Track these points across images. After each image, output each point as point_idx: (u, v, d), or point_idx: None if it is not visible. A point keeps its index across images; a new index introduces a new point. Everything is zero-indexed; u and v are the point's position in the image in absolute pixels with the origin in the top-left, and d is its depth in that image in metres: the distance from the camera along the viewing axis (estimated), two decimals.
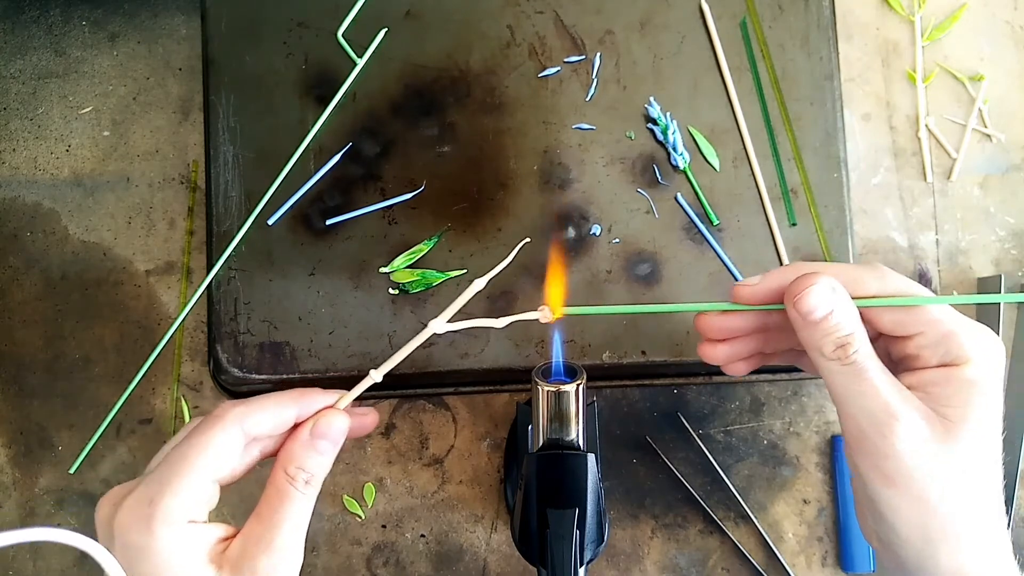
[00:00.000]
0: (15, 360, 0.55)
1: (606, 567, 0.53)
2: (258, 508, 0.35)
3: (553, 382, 0.41)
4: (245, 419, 0.35)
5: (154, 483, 0.33)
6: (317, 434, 0.37)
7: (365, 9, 0.52)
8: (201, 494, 0.34)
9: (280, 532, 0.35)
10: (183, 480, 0.33)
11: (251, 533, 0.34)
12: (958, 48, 0.57)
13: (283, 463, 0.36)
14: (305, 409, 0.37)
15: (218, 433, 0.34)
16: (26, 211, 0.56)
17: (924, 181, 0.56)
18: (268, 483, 0.36)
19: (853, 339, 0.34)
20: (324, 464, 0.37)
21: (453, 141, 0.52)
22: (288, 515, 0.35)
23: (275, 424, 0.36)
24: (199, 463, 0.34)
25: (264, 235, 0.51)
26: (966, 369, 0.34)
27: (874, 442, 0.34)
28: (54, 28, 0.58)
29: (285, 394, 0.37)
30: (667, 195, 0.51)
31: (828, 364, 0.35)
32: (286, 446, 0.37)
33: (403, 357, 0.38)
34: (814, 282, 0.35)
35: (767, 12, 0.52)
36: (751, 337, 0.40)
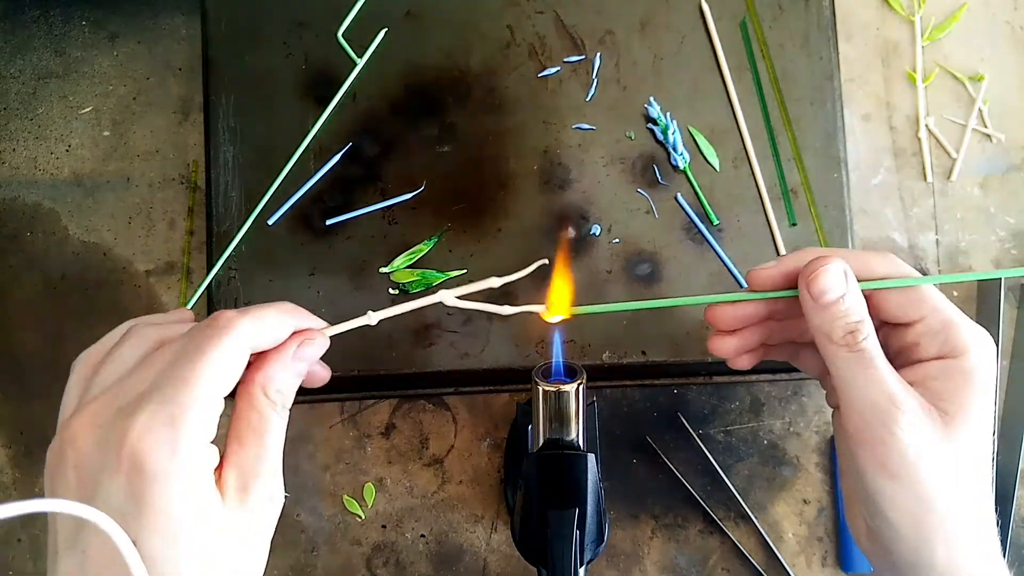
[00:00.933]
0: (15, 360, 0.55)
1: (606, 567, 0.53)
2: (238, 432, 0.32)
3: (553, 382, 0.41)
4: (252, 335, 0.32)
5: (170, 401, 0.29)
6: (301, 356, 0.35)
7: (365, 9, 0.52)
8: (216, 412, 0.31)
9: (269, 457, 0.32)
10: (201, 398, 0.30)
11: (243, 461, 0.32)
12: (958, 48, 0.57)
13: (262, 383, 0.33)
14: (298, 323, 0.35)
15: (229, 344, 0.31)
16: (26, 211, 0.56)
17: (924, 181, 0.56)
18: (245, 405, 0.33)
19: (863, 326, 0.35)
20: (296, 386, 0.35)
21: (453, 141, 0.52)
22: (273, 440, 0.33)
23: (274, 339, 0.34)
24: (213, 378, 0.30)
25: (264, 235, 0.51)
26: (963, 361, 0.34)
27: (877, 433, 0.34)
28: (54, 28, 0.58)
29: (283, 307, 0.35)
30: (667, 195, 0.51)
31: (836, 350, 0.35)
32: (267, 366, 0.34)
33: (406, 310, 0.38)
34: (828, 263, 0.35)
35: (767, 12, 0.52)
36: (758, 327, 0.40)
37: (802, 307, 0.36)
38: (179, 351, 0.31)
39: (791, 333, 0.41)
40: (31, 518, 0.54)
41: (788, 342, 0.42)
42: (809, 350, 0.42)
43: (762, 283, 0.38)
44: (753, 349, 0.41)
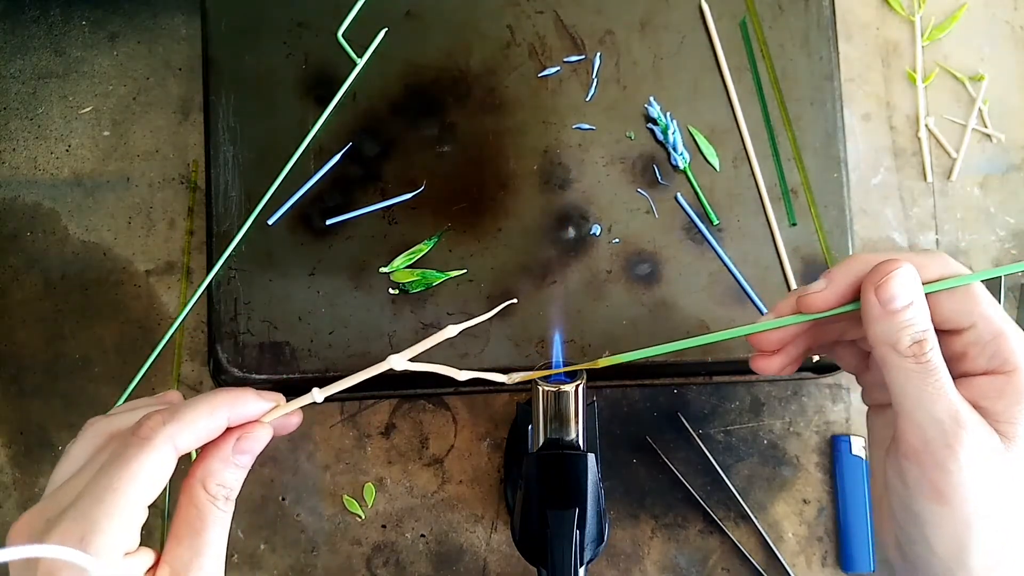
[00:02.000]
0: (15, 360, 0.55)
1: (606, 567, 0.53)
2: (177, 529, 0.33)
3: (553, 382, 0.41)
4: (176, 439, 0.32)
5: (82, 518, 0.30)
6: (240, 450, 0.34)
7: (365, 9, 0.52)
8: (135, 522, 0.31)
9: (206, 556, 0.32)
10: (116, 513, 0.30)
11: (176, 560, 0.32)
12: (958, 48, 0.57)
13: (201, 479, 0.33)
14: (236, 415, 0.34)
15: (148, 458, 0.31)
16: (26, 211, 0.56)
17: (924, 181, 0.56)
18: (185, 501, 0.33)
19: (929, 335, 0.33)
20: (242, 478, 0.35)
21: (453, 141, 0.52)
22: (212, 536, 0.33)
23: (206, 435, 0.34)
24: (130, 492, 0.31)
25: (264, 235, 0.51)
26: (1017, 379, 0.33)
27: (938, 453, 0.32)
28: (54, 28, 0.58)
29: (216, 400, 0.34)
30: (667, 195, 0.51)
31: (901, 362, 0.33)
32: (206, 461, 0.34)
33: (351, 384, 0.36)
34: (898, 267, 0.33)
35: (767, 12, 0.52)
36: (802, 338, 0.39)
37: (864, 313, 0.34)
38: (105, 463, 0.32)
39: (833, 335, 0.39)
40: None
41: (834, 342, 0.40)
42: (848, 347, 0.40)
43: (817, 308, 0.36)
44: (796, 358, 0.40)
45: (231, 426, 0.35)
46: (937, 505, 0.32)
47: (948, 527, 0.32)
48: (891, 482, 0.35)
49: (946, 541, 0.33)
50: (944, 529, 0.32)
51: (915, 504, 0.33)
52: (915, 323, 0.33)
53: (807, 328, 0.38)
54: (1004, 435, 0.32)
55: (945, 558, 0.33)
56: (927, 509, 0.33)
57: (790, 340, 0.38)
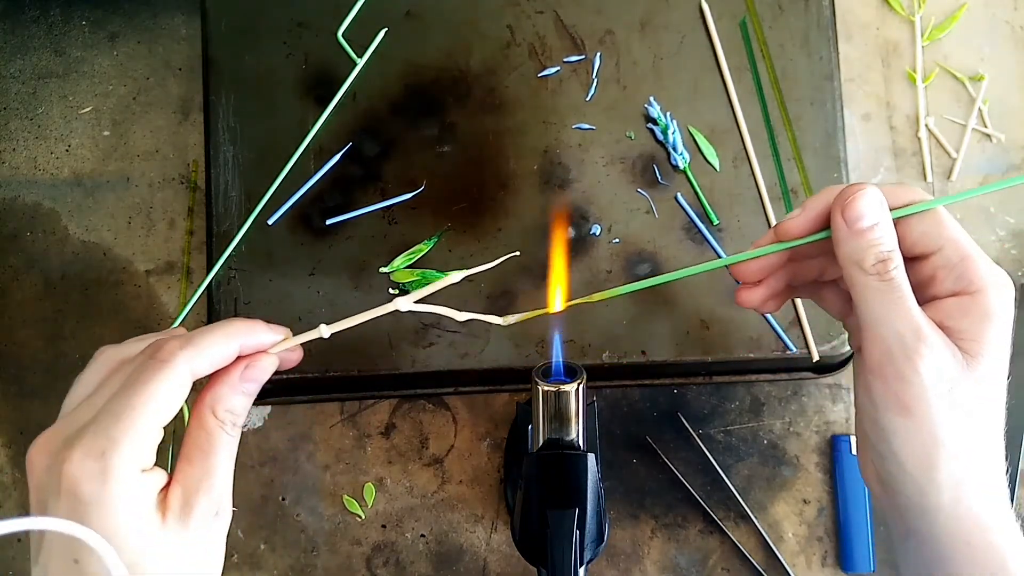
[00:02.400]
0: (15, 360, 0.55)
1: (606, 567, 0.53)
2: (187, 451, 0.34)
3: (553, 382, 0.41)
4: (192, 363, 0.33)
5: (102, 434, 0.31)
6: (247, 377, 0.35)
7: (365, 9, 0.52)
8: (151, 441, 0.32)
9: (216, 476, 0.34)
10: (134, 430, 0.31)
11: (188, 479, 0.33)
12: (958, 48, 0.57)
13: (211, 404, 0.34)
14: (248, 344, 0.36)
15: (167, 379, 0.32)
16: (26, 211, 0.56)
17: (924, 181, 0.56)
18: (194, 425, 0.34)
19: (894, 255, 0.34)
20: (248, 404, 0.36)
21: (453, 141, 0.52)
22: (221, 458, 0.34)
23: (220, 362, 0.35)
24: (148, 411, 0.32)
25: (264, 235, 0.51)
26: (981, 298, 0.34)
27: (899, 365, 0.33)
28: (54, 28, 0.58)
29: (231, 329, 0.35)
30: (667, 195, 0.51)
31: (866, 279, 0.34)
32: (216, 387, 0.35)
33: (360, 322, 0.37)
34: (864, 189, 0.35)
35: (767, 12, 0.52)
36: (782, 271, 0.40)
37: (834, 236, 0.35)
38: (122, 383, 0.33)
39: (813, 272, 0.41)
40: None
41: (811, 282, 0.41)
42: (831, 289, 0.41)
43: (791, 234, 0.38)
44: (778, 293, 0.41)
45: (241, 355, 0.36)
46: (902, 418, 0.33)
47: (915, 440, 0.33)
48: (860, 401, 0.36)
49: (914, 455, 0.34)
50: (911, 442, 0.33)
51: (882, 418, 0.34)
52: (881, 242, 0.34)
53: (786, 261, 0.39)
54: (967, 352, 0.33)
55: (914, 473, 0.34)
56: (893, 422, 0.34)
57: (770, 272, 0.40)
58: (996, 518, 0.34)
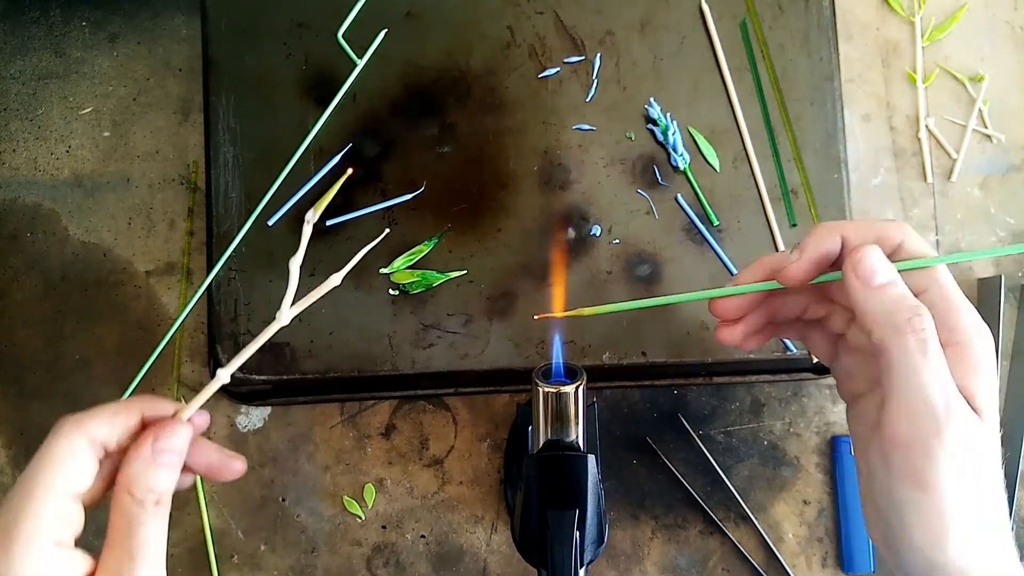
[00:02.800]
0: (15, 361, 0.55)
1: (606, 568, 0.53)
2: (109, 537, 0.32)
3: (553, 383, 0.41)
4: (84, 426, 0.33)
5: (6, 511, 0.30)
6: (159, 448, 0.33)
7: (365, 10, 0.52)
8: (60, 513, 0.31)
9: (139, 558, 0.32)
10: (36, 502, 0.30)
11: (108, 566, 0.32)
12: (958, 48, 0.57)
13: (126, 485, 0.33)
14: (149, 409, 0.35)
15: (61, 445, 0.32)
16: (26, 212, 0.56)
17: (924, 182, 0.56)
18: (113, 508, 0.33)
19: (923, 310, 0.32)
20: (171, 478, 0.34)
21: (453, 142, 0.52)
22: (142, 542, 0.32)
23: (121, 430, 0.34)
24: (49, 480, 0.31)
25: (264, 236, 0.51)
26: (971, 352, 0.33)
27: (926, 441, 0.31)
28: (54, 29, 0.58)
29: (127, 400, 0.35)
30: (667, 196, 0.51)
31: (901, 338, 0.32)
32: (126, 465, 0.33)
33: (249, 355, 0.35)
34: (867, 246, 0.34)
35: (767, 12, 0.52)
36: (762, 309, 0.40)
37: (851, 296, 0.34)
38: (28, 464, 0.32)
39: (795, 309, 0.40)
40: None
41: (795, 319, 0.40)
42: (817, 330, 0.40)
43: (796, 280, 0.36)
44: (760, 330, 0.40)
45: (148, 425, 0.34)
46: (919, 493, 0.32)
47: (927, 515, 0.32)
48: (874, 469, 0.34)
49: (925, 529, 0.32)
50: (923, 517, 0.32)
51: (896, 491, 0.33)
52: (906, 296, 0.33)
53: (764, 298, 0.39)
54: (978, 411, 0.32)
55: (924, 547, 0.33)
56: (908, 496, 0.32)
57: (748, 309, 0.39)
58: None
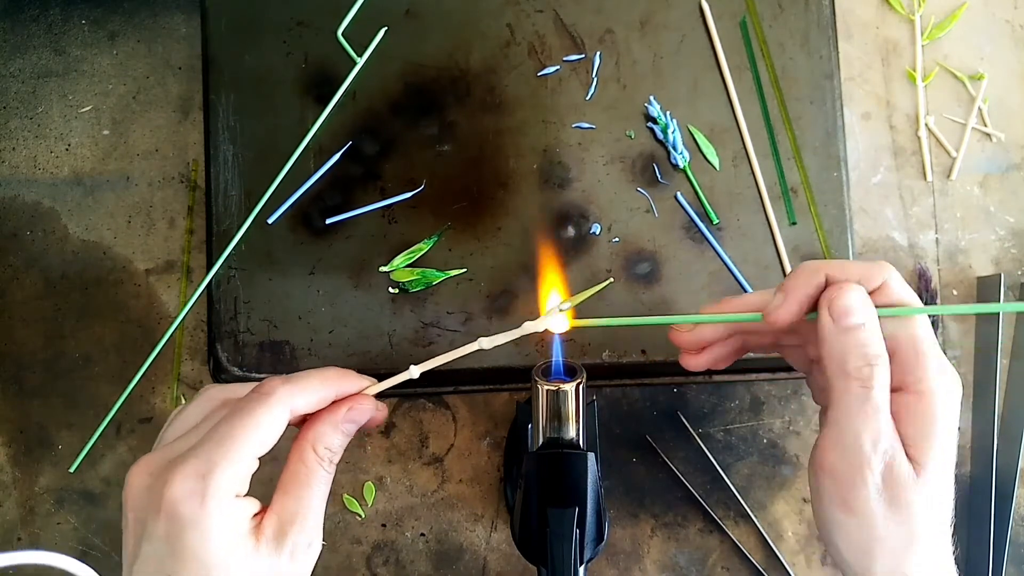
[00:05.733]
0: (15, 359, 0.55)
1: (606, 566, 0.53)
2: (285, 484, 0.36)
3: (553, 381, 0.41)
4: (292, 400, 0.35)
5: (204, 458, 0.33)
6: (350, 418, 0.38)
7: (365, 8, 0.52)
8: (248, 469, 0.34)
9: (311, 509, 0.36)
10: (234, 456, 0.33)
11: (284, 509, 0.35)
12: (958, 47, 0.57)
13: (312, 441, 0.37)
14: (342, 388, 0.38)
15: (267, 413, 0.35)
16: (26, 210, 0.56)
17: (924, 180, 0.56)
18: (295, 459, 0.37)
19: (880, 361, 0.34)
20: (344, 444, 0.38)
21: (453, 140, 0.52)
22: (317, 492, 0.36)
23: (317, 403, 0.37)
24: (248, 441, 0.34)
25: (264, 234, 0.51)
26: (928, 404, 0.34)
27: (850, 473, 0.34)
28: (54, 27, 0.58)
29: (326, 374, 0.38)
30: (667, 194, 0.51)
31: (846, 381, 0.34)
32: (317, 425, 0.37)
33: (446, 360, 0.39)
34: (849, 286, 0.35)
35: (767, 11, 0.52)
36: (727, 341, 0.40)
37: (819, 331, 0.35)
38: (227, 415, 0.35)
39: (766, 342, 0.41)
40: (31, 517, 0.54)
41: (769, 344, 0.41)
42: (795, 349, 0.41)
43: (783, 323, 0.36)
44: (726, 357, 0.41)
45: (336, 399, 0.38)
46: (845, 515, 0.34)
47: (855, 536, 0.35)
48: (811, 486, 0.37)
49: (853, 549, 0.35)
50: (851, 537, 0.35)
51: (826, 511, 0.35)
52: (867, 345, 0.34)
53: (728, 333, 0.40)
54: (915, 459, 0.34)
55: (852, 564, 0.35)
56: (837, 518, 0.35)
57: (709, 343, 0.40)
58: None
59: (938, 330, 0.55)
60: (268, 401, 0.35)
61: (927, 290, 0.55)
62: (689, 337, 0.40)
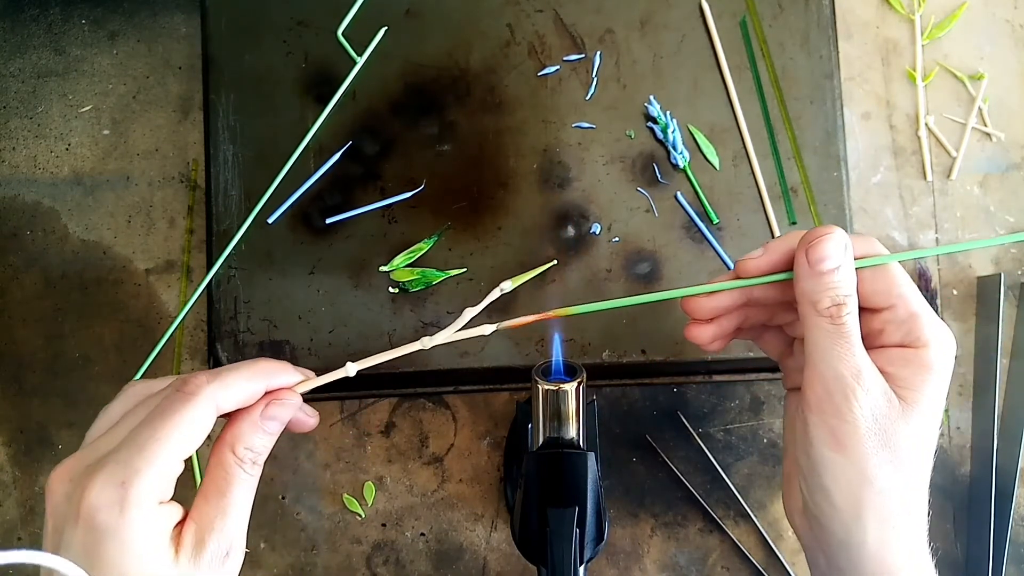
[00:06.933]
0: (15, 359, 0.55)
1: (606, 565, 0.53)
2: (205, 489, 0.34)
3: (553, 381, 0.41)
4: (218, 396, 0.34)
5: (124, 464, 0.32)
6: (268, 415, 0.36)
7: (365, 8, 0.52)
8: (171, 473, 0.33)
9: (230, 515, 0.34)
10: (156, 461, 0.32)
11: (203, 517, 0.34)
12: (958, 47, 0.57)
13: (230, 442, 0.35)
14: (273, 382, 0.36)
15: (192, 411, 0.33)
16: (26, 210, 0.56)
17: (924, 180, 0.56)
18: (214, 463, 0.35)
19: (849, 301, 0.35)
20: (270, 444, 0.36)
21: (453, 140, 0.52)
22: (237, 497, 0.34)
23: (245, 399, 0.35)
24: (170, 444, 0.32)
25: (264, 234, 0.51)
26: (924, 352, 0.35)
27: (836, 403, 0.35)
28: (54, 27, 0.58)
29: (256, 366, 0.36)
30: (667, 194, 0.51)
31: (817, 320, 0.35)
32: (236, 424, 0.35)
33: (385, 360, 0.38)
34: (831, 231, 0.36)
35: (767, 11, 0.52)
36: (736, 313, 0.41)
37: (795, 274, 0.37)
38: (148, 416, 0.33)
39: (763, 317, 0.42)
40: (31, 517, 0.54)
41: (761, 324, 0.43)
42: (773, 332, 0.43)
43: (751, 273, 0.39)
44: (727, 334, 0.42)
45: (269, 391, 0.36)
46: (836, 453, 0.35)
47: (845, 475, 0.35)
48: (797, 435, 0.37)
49: (843, 489, 0.35)
50: (842, 477, 0.35)
51: (815, 452, 0.35)
52: (839, 286, 0.35)
53: (740, 303, 0.40)
54: (904, 399, 0.35)
55: (842, 509, 0.35)
56: (827, 456, 0.35)
57: (723, 312, 0.41)
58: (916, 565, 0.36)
59: None
60: (192, 400, 0.33)
61: (927, 289, 0.55)
62: (707, 301, 0.40)
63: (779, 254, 0.38)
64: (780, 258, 0.38)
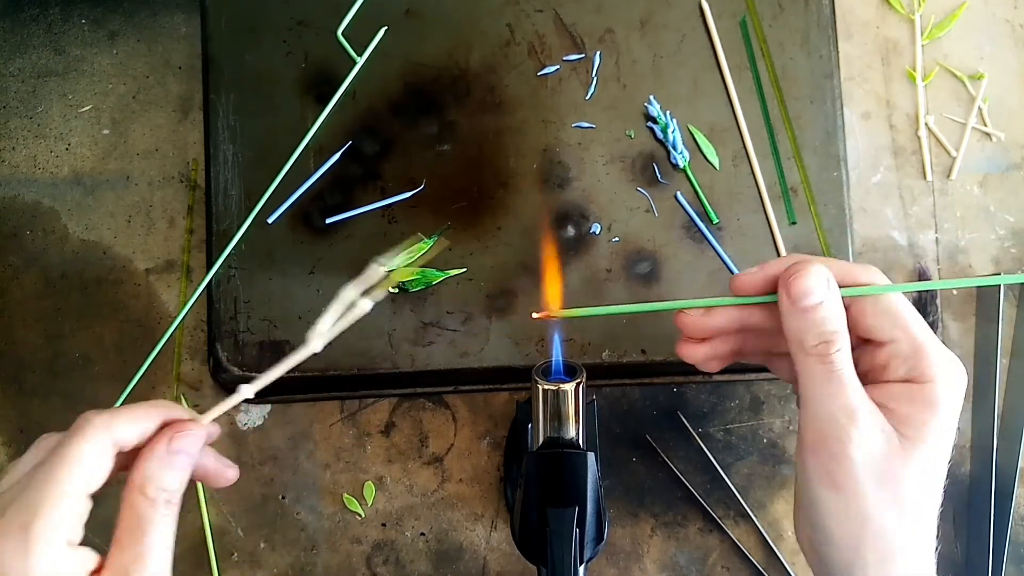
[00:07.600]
0: (15, 359, 0.55)
1: (606, 565, 0.53)
2: (118, 536, 0.32)
3: (553, 381, 0.41)
4: (111, 427, 0.33)
5: (23, 507, 0.30)
6: (174, 449, 0.34)
7: (365, 8, 0.52)
8: (76, 511, 0.31)
9: (149, 560, 0.32)
10: (56, 501, 0.30)
11: (118, 564, 0.32)
12: (958, 47, 0.57)
13: (138, 483, 0.33)
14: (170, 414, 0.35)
15: (86, 445, 0.32)
16: (26, 210, 0.56)
17: (924, 180, 0.56)
18: (124, 507, 0.33)
19: (837, 337, 0.34)
20: (183, 480, 0.34)
21: (453, 140, 0.52)
22: (153, 540, 0.32)
23: (142, 432, 0.34)
24: (70, 480, 0.31)
25: (264, 234, 0.51)
26: (928, 388, 0.34)
27: (830, 446, 0.34)
28: (53, 26, 0.58)
29: (152, 402, 0.35)
30: (667, 194, 0.51)
31: (806, 359, 0.35)
32: (141, 464, 0.33)
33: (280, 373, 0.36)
34: (810, 267, 0.35)
35: (767, 11, 0.52)
36: (731, 336, 0.40)
37: (780, 311, 0.36)
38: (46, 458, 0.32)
39: (766, 344, 0.40)
40: None
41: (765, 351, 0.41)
42: (780, 357, 0.41)
43: (743, 289, 0.38)
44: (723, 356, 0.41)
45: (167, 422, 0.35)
46: (833, 492, 0.34)
47: (844, 514, 0.34)
48: (797, 471, 0.37)
49: (842, 529, 0.34)
50: (840, 517, 0.34)
51: (814, 490, 0.35)
52: (824, 323, 0.34)
53: (734, 327, 0.39)
54: (906, 437, 0.34)
55: (842, 547, 0.34)
56: (825, 496, 0.34)
57: (716, 334, 0.40)
58: None
59: (938, 330, 0.55)
60: (84, 433, 0.32)
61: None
62: (699, 321, 0.39)
63: (774, 275, 0.37)
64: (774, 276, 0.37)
